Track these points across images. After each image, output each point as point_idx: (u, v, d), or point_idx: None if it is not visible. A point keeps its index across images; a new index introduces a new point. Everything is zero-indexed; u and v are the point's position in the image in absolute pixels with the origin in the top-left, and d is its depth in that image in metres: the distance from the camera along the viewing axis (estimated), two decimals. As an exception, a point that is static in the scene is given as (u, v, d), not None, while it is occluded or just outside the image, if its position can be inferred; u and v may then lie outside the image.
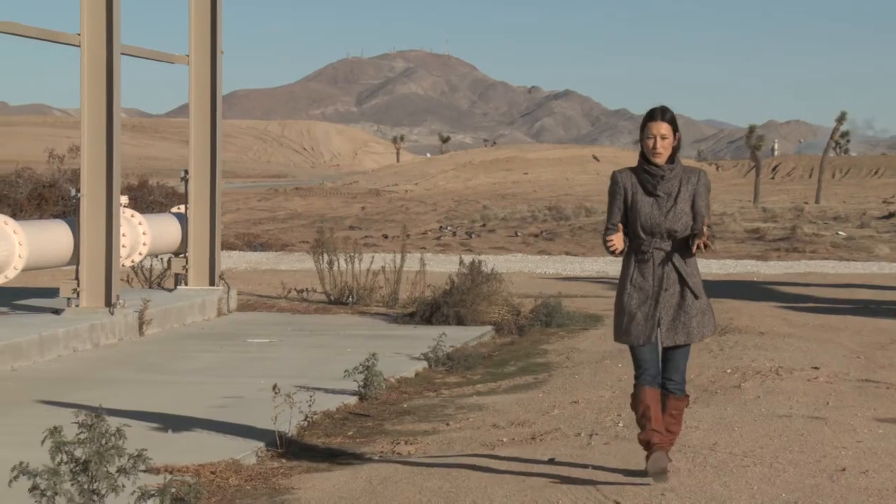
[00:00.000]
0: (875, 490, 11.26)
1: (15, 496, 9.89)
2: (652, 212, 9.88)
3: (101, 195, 22.00)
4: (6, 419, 14.52)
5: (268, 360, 19.30)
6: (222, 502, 11.20)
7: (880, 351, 20.26)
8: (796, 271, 37.48)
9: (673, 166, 10.04)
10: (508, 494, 11.19)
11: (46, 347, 19.52)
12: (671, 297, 10.06)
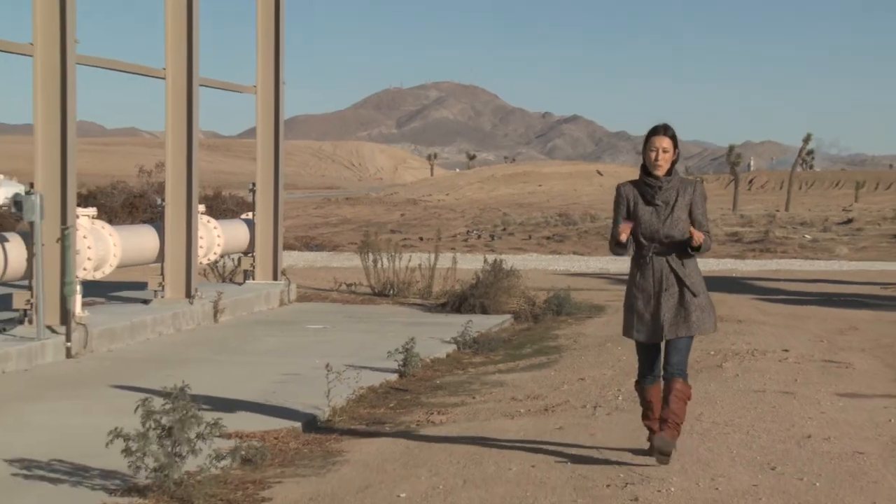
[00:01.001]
0: (836, 454, 11.29)
1: (111, 456, 9.91)
2: (651, 219, 9.78)
3: (182, 204, 22.08)
4: (104, 392, 14.56)
5: (322, 343, 19.29)
6: (283, 463, 11.21)
7: (840, 336, 20.19)
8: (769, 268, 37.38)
9: (670, 178, 9.93)
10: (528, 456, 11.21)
11: (137, 332, 19.60)
12: (671, 296, 9.90)
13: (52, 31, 18.22)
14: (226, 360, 17.68)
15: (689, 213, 9.90)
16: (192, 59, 22.09)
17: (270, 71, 25.97)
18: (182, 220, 22.09)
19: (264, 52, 25.94)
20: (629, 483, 10.16)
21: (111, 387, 14.93)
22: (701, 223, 9.92)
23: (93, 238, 19.87)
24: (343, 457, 11.46)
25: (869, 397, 14.44)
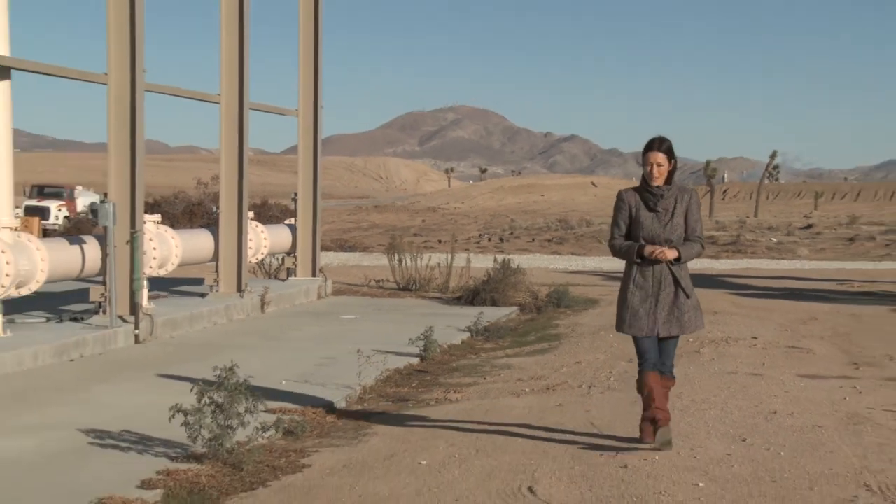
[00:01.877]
0: (798, 427, 11.28)
1: (173, 429, 9.93)
2: (652, 225, 9.60)
3: (234, 211, 22.09)
4: (168, 372, 14.57)
5: (354, 332, 19.28)
6: (321, 434, 11.21)
7: (802, 325, 20.15)
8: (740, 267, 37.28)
9: (670, 187, 9.71)
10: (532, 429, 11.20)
11: (195, 321, 19.61)
12: (667, 296, 9.63)
13: (123, 63, 18.25)
14: (271, 345, 17.68)
15: (684, 218, 9.74)
16: (242, 85, 22.11)
17: (310, 96, 25.99)
18: (234, 224, 22.12)
19: (305, 79, 25.94)
20: (618, 452, 10.16)
21: (173, 368, 14.96)
22: (694, 228, 9.75)
23: (157, 240, 19.93)
24: (371, 429, 11.47)
25: (826, 378, 14.40)
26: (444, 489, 9.02)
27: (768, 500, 8.67)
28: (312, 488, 9.17)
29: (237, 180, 22.14)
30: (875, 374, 14.94)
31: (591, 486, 9.06)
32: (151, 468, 9.53)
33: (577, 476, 9.39)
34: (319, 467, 9.85)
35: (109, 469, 9.62)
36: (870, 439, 10.85)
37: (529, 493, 8.86)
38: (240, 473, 9.50)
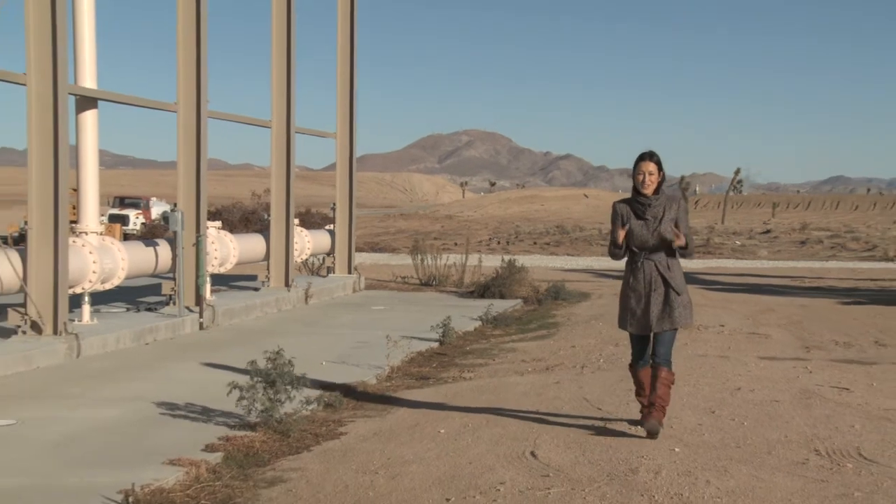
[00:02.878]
0: (758, 401, 11.26)
1: (230, 401, 9.93)
2: (641, 231, 9.21)
3: (282, 218, 22.12)
4: (225, 354, 14.57)
5: (383, 320, 19.26)
6: (355, 407, 11.21)
7: (762, 315, 20.10)
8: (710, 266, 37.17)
9: (658, 196, 9.25)
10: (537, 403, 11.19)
11: (249, 311, 19.62)
12: (659, 295, 9.19)
13: (190, 94, 18.28)
14: (314, 331, 17.68)
15: (675, 225, 9.30)
16: (289, 112, 22.13)
17: (346, 121, 25.99)
18: (282, 229, 22.14)
19: (342, 107, 25.95)
20: (607, 422, 10.16)
21: (231, 351, 14.96)
22: (685, 232, 9.36)
23: (218, 243, 19.98)
24: (398, 403, 11.48)
25: (782, 360, 14.38)
26: (459, 453, 9.02)
27: (733, 463, 8.66)
28: (348, 452, 9.18)
29: (285, 192, 22.17)
30: (823, 356, 14.91)
31: (584, 451, 9.05)
32: (213, 434, 9.58)
33: (572, 443, 9.38)
34: (354, 434, 9.87)
35: (179, 434, 9.67)
36: (818, 411, 10.83)
37: (531, 457, 8.85)
38: (287, 440, 9.52)
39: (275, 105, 22.13)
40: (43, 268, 14.50)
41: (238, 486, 8.12)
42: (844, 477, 8.38)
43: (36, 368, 13.38)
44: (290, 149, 22.19)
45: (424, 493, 7.84)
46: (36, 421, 10.28)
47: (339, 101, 26.00)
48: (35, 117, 14.44)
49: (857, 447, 9.30)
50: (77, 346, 14.38)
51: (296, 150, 22.49)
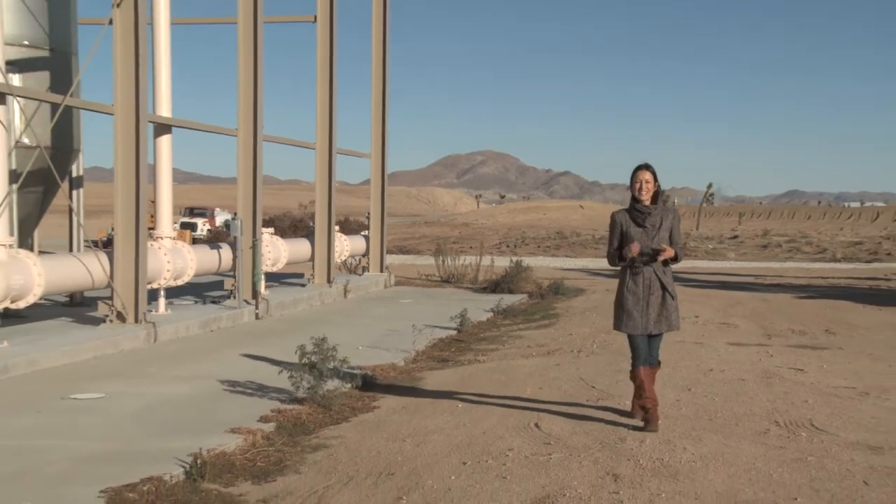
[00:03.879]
0: (728, 380, 11.24)
1: (282, 379, 9.95)
2: (642, 238, 8.59)
3: (324, 225, 22.14)
4: (278, 340, 14.60)
5: (410, 311, 19.25)
6: (386, 385, 11.21)
7: (731, 307, 20.05)
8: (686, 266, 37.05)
9: (656, 206, 8.70)
10: (540, 382, 11.19)
11: (297, 304, 19.63)
12: (656, 298, 8.62)
13: (247, 121, 18.33)
14: (351, 321, 17.68)
15: (669, 233, 8.72)
16: (331, 136, 22.16)
17: (379, 143, 26.01)
18: (325, 235, 22.16)
19: (375, 132, 25.98)
20: (600, 399, 10.15)
21: (282, 337, 14.97)
22: (677, 241, 8.73)
23: (271, 246, 20.02)
24: (423, 381, 11.48)
25: (748, 346, 14.34)
26: (474, 424, 9.02)
27: (706, 433, 8.65)
28: (380, 423, 9.19)
29: (327, 203, 22.19)
30: (782, 342, 14.88)
31: (580, 423, 9.05)
32: (267, 407, 9.59)
33: (570, 416, 9.38)
34: (385, 408, 9.89)
35: (238, 407, 9.68)
36: (778, 389, 10.83)
37: (535, 428, 8.84)
38: (329, 412, 9.53)
39: (319, 130, 22.18)
40: (126, 267, 14.58)
41: (288, 451, 8.15)
42: (799, 444, 8.39)
43: (121, 351, 13.46)
44: (331, 167, 22.23)
45: (445, 457, 7.85)
46: (121, 395, 10.35)
47: (373, 127, 26.04)
48: (120, 142, 14.52)
49: (810, 419, 9.31)
50: (154, 333, 14.45)
51: (336, 168, 22.54)
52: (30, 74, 15.45)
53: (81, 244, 17.45)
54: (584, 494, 6.87)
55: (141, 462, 7.54)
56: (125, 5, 14.32)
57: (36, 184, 15.46)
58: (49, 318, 15.39)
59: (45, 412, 9.48)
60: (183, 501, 6.75)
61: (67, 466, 7.48)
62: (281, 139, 21.29)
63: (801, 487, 7.12)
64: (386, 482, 7.21)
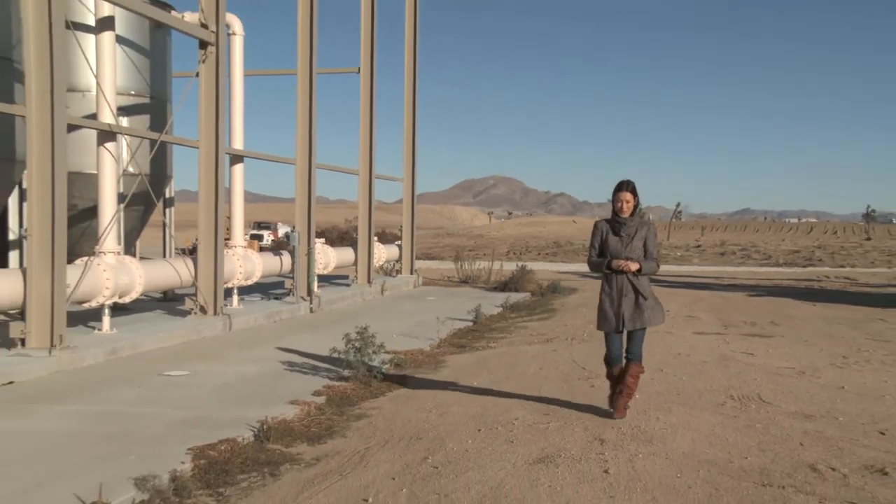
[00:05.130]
0: (692, 362, 11.18)
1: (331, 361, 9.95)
2: (616, 246, 7.98)
3: (365, 236, 22.16)
4: (328, 329, 14.60)
5: (434, 307, 19.24)
6: (415, 366, 11.18)
7: (695, 303, 19.94)
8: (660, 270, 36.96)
9: (633, 219, 8.00)
10: (541, 364, 11.15)
11: (343, 300, 19.62)
12: (629, 300, 7.91)
13: (304, 152, 18.38)
14: (387, 314, 17.67)
15: (644, 244, 8.01)
16: (371, 163, 22.21)
17: (410, 170, 26.02)
18: (365, 244, 22.18)
19: (407, 159, 26.00)
20: (589, 377, 10.11)
21: (331, 327, 14.98)
22: (651, 252, 8.03)
23: (322, 253, 20.08)
24: (445, 364, 11.46)
25: (708, 334, 14.27)
26: (487, 398, 9.01)
27: (675, 405, 8.61)
28: (411, 397, 9.19)
29: (367, 218, 22.21)
30: (736, 331, 14.79)
31: (573, 394, 9.05)
32: (319, 384, 9.59)
33: (565, 390, 9.37)
34: (414, 384, 9.88)
35: (296, 384, 9.69)
36: (733, 369, 10.77)
37: (538, 401, 8.83)
38: (369, 388, 9.52)
39: (361, 159, 22.22)
40: (207, 270, 14.65)
41: (336, 419, 8.15)
42: (749, 414, 8.35)
43: (203, 337, 13.51)
44: (371, 189, 22.27)
45: (463, 425, 7.84)
46: (203, 373, 10.39)
47: (404, 156, 26.05)
48: (203, 169, 14.60)
49: (758, 393, 9.28)
50: (229, 323, 14.50)
51: (375, 190, 22.59)
52: (135, 117, 15.58)
53: (172, 251, 17.56)
54: (576, 455, 6.85)
55: (219, 426, 7.57)
56: (208, 62, 14.41)
57: (138, 203, 15.59)
58: (147, 311, 15.50)
59: (145, 386, 9.55)
60: (253, 458, 6.78)
61: (162, 429, 7.53)
62: (330, 167, 21.35)
63: (750, 448, 7.11)
64: (415, 444, 7.22)
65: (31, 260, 10.73)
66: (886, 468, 6.57)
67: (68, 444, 7.02)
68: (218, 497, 5.94)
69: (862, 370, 10.96)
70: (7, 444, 7.04)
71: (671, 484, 6.16)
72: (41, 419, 7.94)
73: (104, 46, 13.28)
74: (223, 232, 15.03)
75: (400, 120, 25.88)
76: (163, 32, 16.31)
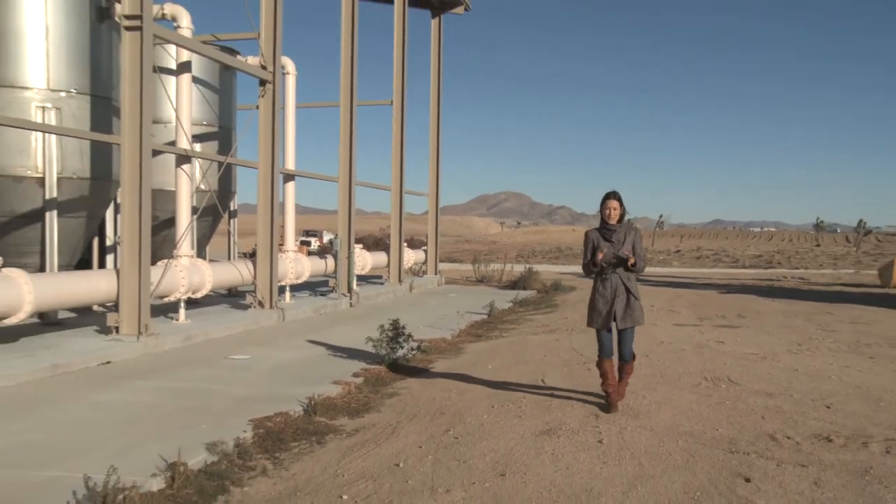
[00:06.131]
0: (674, 350, 11.13)
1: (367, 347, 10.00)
2: (609, 251, 7.40)
3: (397, 242, 22.14)
4: (365, 320, 14.62)
5: (455, 302, 19.19)
6: (439, 353, 11.16)
7: (675, 300, 19.84)
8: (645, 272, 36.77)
9: (620, 225, 7.46)
10: (545, 351, 11.12)
11: (379, 296, 19.60)
12: (621, 300, 7.37)
13: (345, 171, 18.45)
14: (415, 309, 17.65)
15: (632, 247, 7.38)
16: (402, 180, 22.20)
17: (434, 186, 25.94)
18: (397, 249, 22.17)
19: (432, 176, 25.94)
20: (586, 363, 10.07)
21: (368, 319, 14.98)
22: (639, 253, 7.41)
23: (360, 257, 20.11)
24: (464, 350, 11.45)
25: (687, 326, 14.20)
26: (499, 380, 9.01)
27: (659, 385, 8.59)
28: (435, 379, 9.18)
29: (398, 227, 22.19)
30: (710, 323, 14.70)
31: (573, 378, 9.02)
32: (357, 367, 9.60)
33: (566, 374, 9.34)
34: (438, 368, 9.88)
35: (338, 366, 9.70)
36: (707, 355, 10.72)
37: (542, 382, 8.82)
38: (399, 371, 9.53)
39: (393, 177, 22.21)
40: (264, 270, 14.73)
41: (372, 397, 8.18)
42: (720, 392, 8.33)
43: (261, 327, 13.56)
44: (401, 202, 22.26)
45: (479, 403, 7.85)
46: (261, 357, 10.42)
47: (430, 174, 26.02)
48: (261, 186, 14.69)
49: (728, 375, 9.24)
50: (282, 315, 14.56)
51: (404, 203, 22.57)
52: (206, 143, 15.73)
53: (235, 255, 17.69)
54: (575, 427, 6.86)
55: (274, 402, 7.63)
56: (266, 97, 14.53)
57: (208, 215, 15.72)
58: (215, 305, 15.58)
59: (214, 367, 9.62)
60: (302, 428, 6.84)
61: (228, 403, 7.60)
62: (367, 183, 21.39)
63: (721, 421, 7.11)
64: (439, 418, 7.24)
65: (123, 262, 10.87)
66: (831, 436, 6.63)
67: (153, 414, 7.11)
68: (274, 460, 6.00)
69: (813, 355, 10.94)
70: (106, 413, 7.16)
71: (655, 451, 6.18)
72: (132, 393, 8.05)
73: (183, 86, 13.45)
74: (277, 238, 15.13)
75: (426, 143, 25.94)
76: (230, 73, 16.47)
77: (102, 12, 12.33)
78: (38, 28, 11.67)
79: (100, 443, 6.15)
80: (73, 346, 10.15)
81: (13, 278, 9.57)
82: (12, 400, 7.68)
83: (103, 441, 6.20)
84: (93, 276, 10.85)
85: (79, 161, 12.11)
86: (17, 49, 11.57)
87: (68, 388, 8.23)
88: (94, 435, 6.38)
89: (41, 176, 11.71)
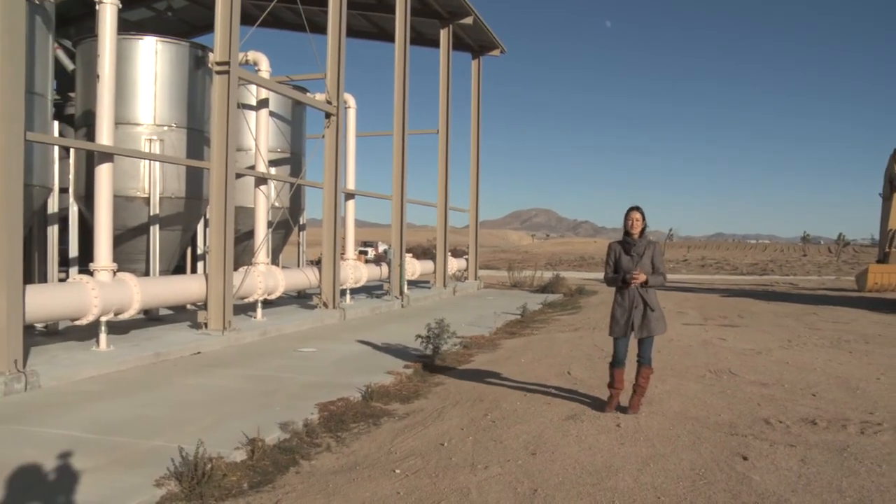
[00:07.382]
0: (682, 346, 10.96)
1: (417, 343, 10.00)
2: (628, 264, 6.73)
3: (442, 252, 22.13)
4: (415, 319, 14.66)
5: (492, 304, 19.14)
6: (478, 347, 11.13)
7: (683, 302, 19.51)
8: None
9: (642, 239, 6.81)
10: (571, 347, 11.02)
11: (426, 298, 19.58)
12: (639, 311, 6.68)
13: (398, 190, 18.53)
14: (457, 309, 17.59)
15: (651, 261, 6.75)
16: (446, 198, 22.22)
17: (475, 202, 25.81)
18: (442, 258, 22.15)
19: (472, 195, 25.83)
20: (607, 357, 9.92)
21: (417, 318, 14.97)
22: (658, 267, 6.76)
23: (410, 265, 20.15)
24: (500, 346, 11.39)
25: (693, 325, 13.97)
26: (531, 372, 8.94)
27: (668, 377, 8.46)
28: (475, 370, 9.15)
29: (444, 239, 22.20)
30: (713, 323, 14.44)
31: (595, 371, 8.91)
32: (408, 359, 9.61)
33: (589, 367, 9.24)
34: (478, 361, 9.84)
35: (391, 359, 9.71)
36: (711, 351, 10.55)
37: (568, 374, 8.73)
38: (444, 363, 9.49)
39: (439, 195, 22.22)
40: (328, 276, 14.84)
41: (420, 385, 8.17)
42: (722, 382, 8.21)
43: (325, 325, 13.64)
44: (446, 217, 22.26)
45: (511, 393, 7.80)
46: (325, 350, 10.46)
47: (471, 192, 25.94)
48: (326, 203, 14.82)
49: (729, 368, 9.10)
50: (344, 314, 14.63)
51: (449, 218, 22.58)
52: (280, 167, 15.96)
53: (304, 262, 17.89)
54: (597, 413, 6.79)
55: (337, 388, 7.68)
56: (331, 127, 14.71)
57: (281, 228, 15.95)
58: (286, 305, 15.72)
59: (286, 358, 9.69)
60: (361, 411, 6.87)
61: (298, 389, 7.67)
62: (417, 201, 21.49)
63: (723, 408, 7.00)
64: (478, 405, 7.22)
65: (210, 268, 11.08)
66: (816, 420, 6.60)
67: (236, 397, 7.23)
68: (337, 439, 6.05)
69: (801, 350, 10.79)
70: (197, 394, 7.30)
71: (666, 434, 6.10)
72: (218, 378, 8.19)
73: (261, 119, 13.72)
74: (339, 248, 15.25)
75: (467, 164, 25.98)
76: (300, 107, 16.71)
77: (199, 60, 12.72)
78: (149, 76, 12.20)
79: (193, 419, 6.28)
80: (170, 338, 10.38)
81: (126, 281, 9.85)
82: (126, 382, 7.91)
83: (195, 417, 6.33)
84: (186, 280, 11.11)
85: (176, 183, 12.45)
86: (132, 93, 12.14)
87: (167, 373, 8.43)
88: (188, 412, 6.51)
89: (147, 196, 12.11)
